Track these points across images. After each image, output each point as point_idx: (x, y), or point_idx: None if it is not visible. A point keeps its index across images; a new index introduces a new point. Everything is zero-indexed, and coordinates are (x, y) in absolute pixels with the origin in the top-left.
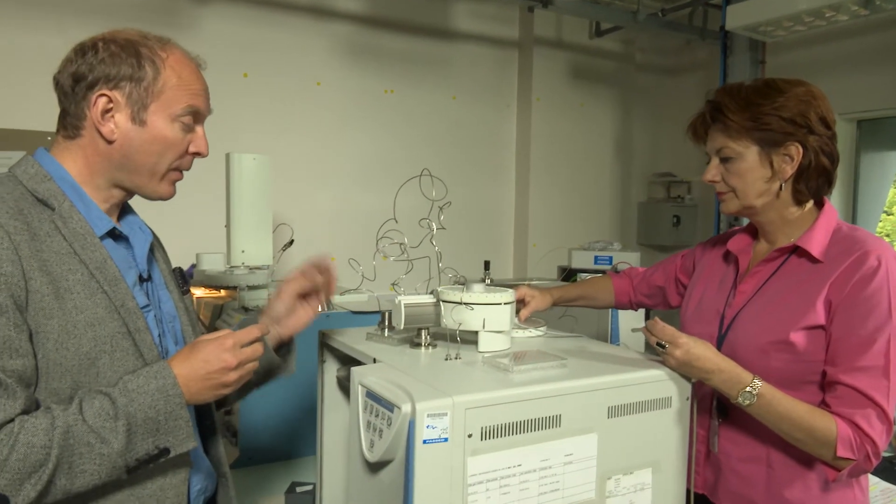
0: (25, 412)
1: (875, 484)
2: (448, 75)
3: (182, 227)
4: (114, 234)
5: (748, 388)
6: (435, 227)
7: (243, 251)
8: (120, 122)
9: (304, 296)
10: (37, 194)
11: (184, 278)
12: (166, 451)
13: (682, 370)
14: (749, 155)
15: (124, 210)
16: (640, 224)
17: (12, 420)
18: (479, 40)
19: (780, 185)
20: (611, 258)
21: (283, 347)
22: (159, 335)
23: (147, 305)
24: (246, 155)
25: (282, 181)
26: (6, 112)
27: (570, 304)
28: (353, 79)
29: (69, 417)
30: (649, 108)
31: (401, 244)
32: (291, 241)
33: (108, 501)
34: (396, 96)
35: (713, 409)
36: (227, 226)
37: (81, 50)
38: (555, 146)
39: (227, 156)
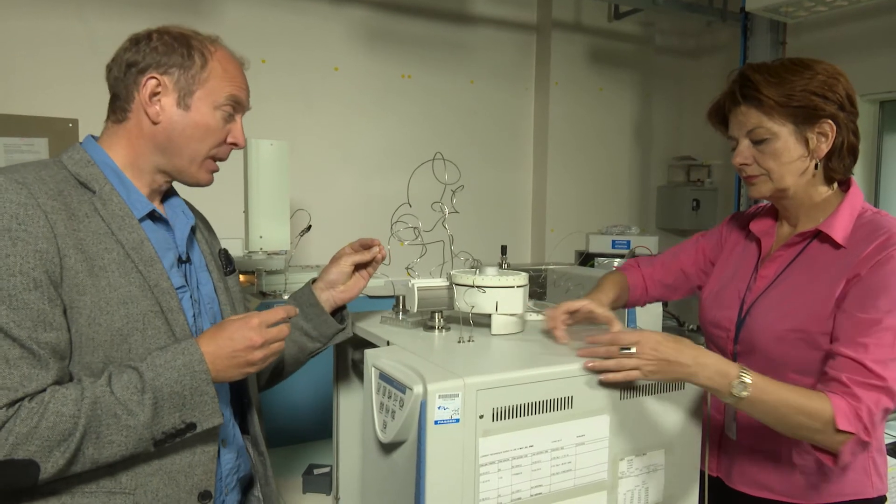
0: (58, 383)
1: (894, 466)
2: (466, 60)
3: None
4: (154, 217)
5: (739, 379)
6: (447, 210)
7: (261, 237)
8: (166, 106)
9: (357, 267)
10: (79, 178)
11: (229, 259)
12: (192, 426)
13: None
14: (784, 134)
15: (168, 193)
16: (659, 208)
17: (44, 390)
18: (496, 24)
19: (816, 165)
20: (628, 242)
21: (338, 313)
22: (194, 315)
23: (183, 286)
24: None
25: (300, 167)
26: (26, 99)
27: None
28: (370, 64)
29: (97, 389)
30: (669, 91)
31: (415, 228)
32: (309, 227)
33: (137, 475)
34: (414, 81)
35: None
36: (245, 211)
37: (136, 40)
38: (573, 130)
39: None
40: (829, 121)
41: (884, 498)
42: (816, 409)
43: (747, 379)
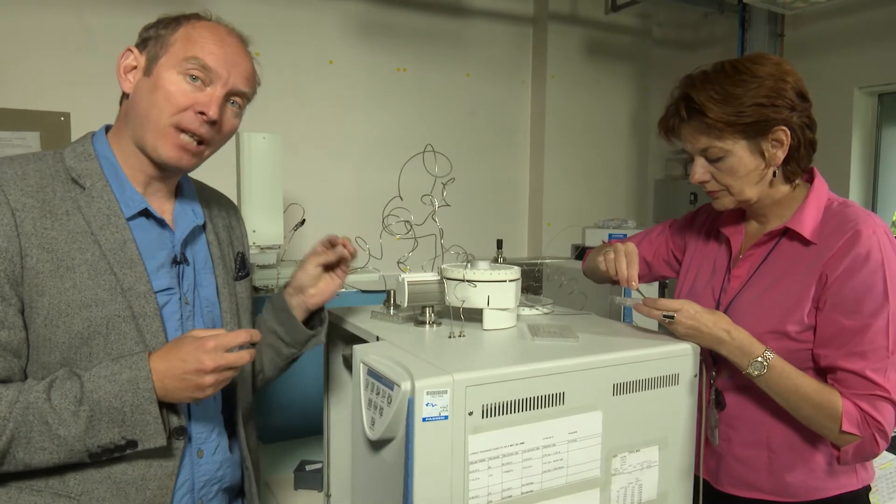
0: (4, 381)
1: (890, 461)
2: (462, 53)
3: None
4: (150, 215)
5: (759, 359)
6: (437, 203)
7: (254, 231)
8: (136, 77)
9: (329, 268)
10: (72, 173)
11: (243, 264)
12: (133, 443)
13: (692, 338)
14: (738, 150)
15: (180, 190)
16: (656, 202)
17: None
18: (493, 17)
19: (774, 172)
20: (625, 236)
21: (315, 317)
22: (181, 319)
23: (170, 288)
24: (256, 134)
25: (293, 160)
26: (20, 92)
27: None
28: (365, 57)
29: (32, 395)
30: (667, 83)
31: (406, 222)
32: (303, 221)
33: (85, 480)
34: (409, 74)
35: (711, 401)
36: (238, 206)
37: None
38: (570, 123)
39: (238, 135)
40: (783, 127)
41: (868, 488)
42: (826, 406)
43: (766, 361)
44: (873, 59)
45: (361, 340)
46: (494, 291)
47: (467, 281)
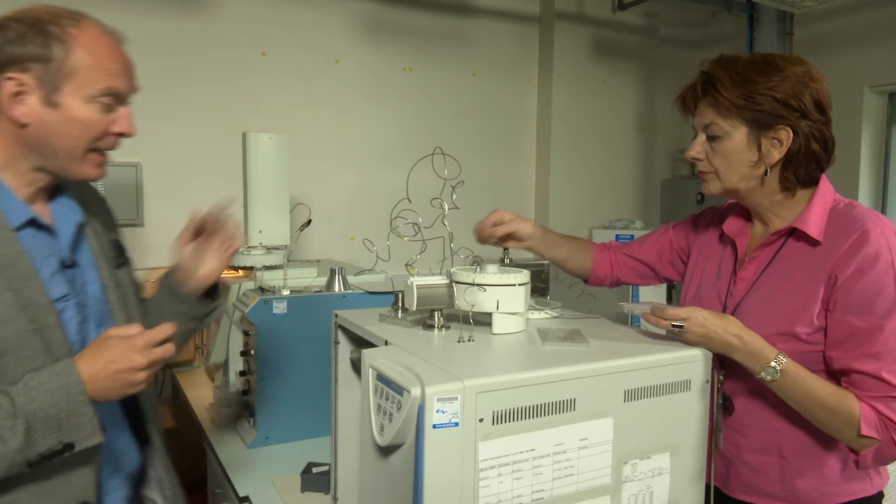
0: None
1: None
2: (468, 52)
3: (199, 207)
4: (35, 223)
5: (772, 364)
6: (447, 206)
7: (260, 231)
8: (32, 105)
9: (215, 243)
10: None
11: (120, 251)
12: (71, 445)
13: (702, 346)
14: (737, 135)
15: (57, 189)
16: (663, 202)
17: None
18: (499, 15)
19: (766, 171)
20: (632, 237)
21: (214, 291)
22: (79, 323)
23: (66, 295)
24: (262, 134)
25: (300, 160)
26: None
27: (544, 255)
28: (371, 57)
29: None
30: (674, 83)
31: (414, 224)
32: (309, 221)
33: (7, 485)
34: (416, 74)
35: (717, 404)
36: (244, 206)
37: None
38: (577, 123)
39: (244, 135)
40: (787, 128)
41: (881, 494)
42: (842, 411)
43: (779, 366)
44: (883, 58)
45: (369, 343)
46: (504, 295)
47: (477, 285)
